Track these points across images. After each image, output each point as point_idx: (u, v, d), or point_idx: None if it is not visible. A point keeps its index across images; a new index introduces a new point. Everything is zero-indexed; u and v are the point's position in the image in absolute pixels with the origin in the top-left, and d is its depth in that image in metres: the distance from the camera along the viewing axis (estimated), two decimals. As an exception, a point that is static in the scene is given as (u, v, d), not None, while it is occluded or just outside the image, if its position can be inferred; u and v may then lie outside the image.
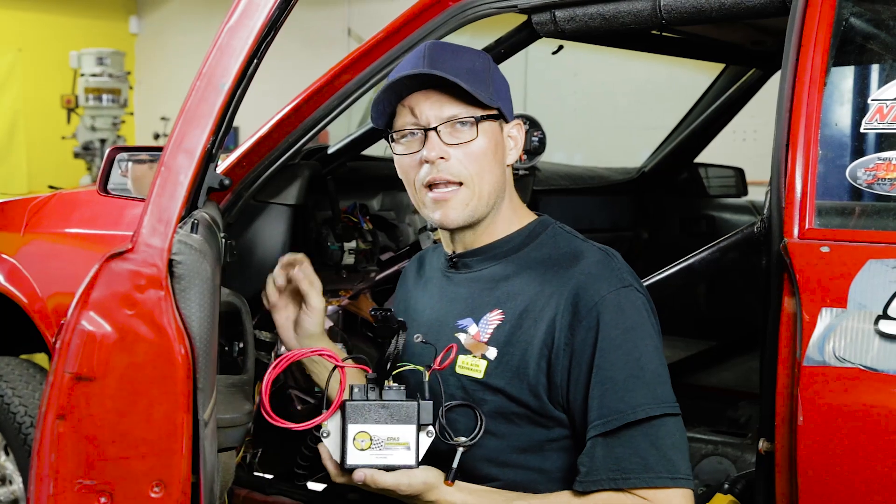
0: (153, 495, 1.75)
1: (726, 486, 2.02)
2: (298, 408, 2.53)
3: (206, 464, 1.77)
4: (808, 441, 1.45)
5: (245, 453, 2.39)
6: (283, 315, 1.90)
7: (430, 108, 1.60)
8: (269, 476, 2.40)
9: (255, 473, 2.40)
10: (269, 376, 1.53)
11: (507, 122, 1.67)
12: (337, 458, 1.53)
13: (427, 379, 1.54)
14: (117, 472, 1.79)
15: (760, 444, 1.57)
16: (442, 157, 1.59)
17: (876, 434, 1.40)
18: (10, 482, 2.70)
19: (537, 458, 1.58)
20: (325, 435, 1.53)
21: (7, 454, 2.70)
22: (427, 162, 1.60)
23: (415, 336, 1.64)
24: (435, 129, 1.59)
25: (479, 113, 1.60)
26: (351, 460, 1.49)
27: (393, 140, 1.66)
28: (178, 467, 1.74)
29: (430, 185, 1.61)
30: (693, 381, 3.23)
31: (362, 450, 1.49)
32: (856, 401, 1.41)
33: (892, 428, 1.39)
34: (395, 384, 1.53)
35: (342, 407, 1.51)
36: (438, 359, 1.54)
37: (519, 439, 1.57)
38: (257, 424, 2.35)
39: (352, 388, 1.52)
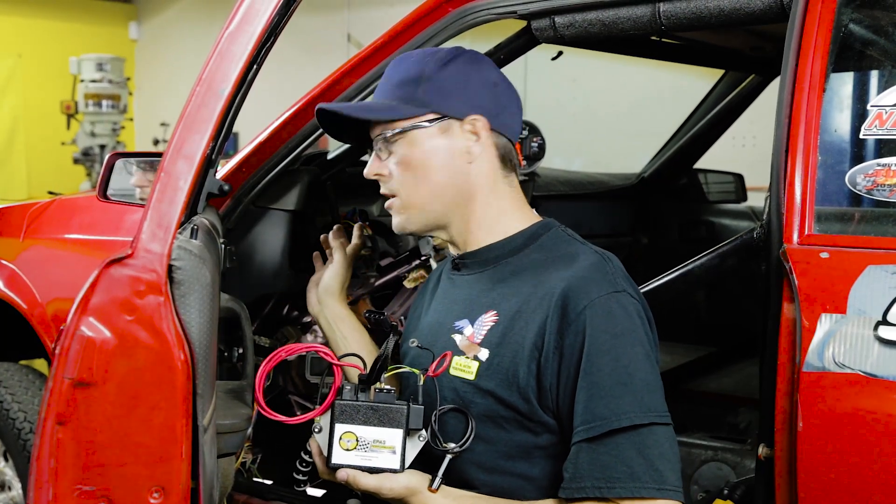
0: (153, 501, 1.75)
1: (726, 491, 2.02)
2: (298, 413, 2.53)
3: (205, 469, 1.76)
4: (807, 447, 1.45)
5: (244, 459, 2.39)
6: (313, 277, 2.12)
7: (371, 128, 1.68)
8: (269, 482, 2.40)
9: (255, 479, 2.40)
10: (262, 370, 1.55)
11: (460, 119, 1.63)
12: (326, 454, 1.54)
13: (421, 383, 1.54)
14: (117, 478, 1.78)
15: (760, 449, 1.57)
16: (379, 174, 1.68)
17: (876, 440, 1.40)
18: (10, 488, 2.70)
19: (525, 465, 1.57)
20: (317, 430, 1.55)
21: (6, 460, 2.70)
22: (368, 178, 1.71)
23: (410, 341, 1.64)
24: (373, 147, 1.68)
25: (405, 124, 1.63)
26: (336, 459, 1.51)
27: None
28: (178, 473, 1.73)
29: None
30: (692, 387, 3.23)
31: (347, 450, 1.50)
32: (855, 406, 1.41)
33: (891, 433, 1.39)
34: (387, 387, 1.53)
35: (331, 406, 1.52)
36: (433, 365, 1.55)
37: (507, 445, 1.56)
38: (257, 430, 2.35)
39: (342, 387, 1.53)
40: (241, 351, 2.13)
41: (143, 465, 1.77)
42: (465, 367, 1.59)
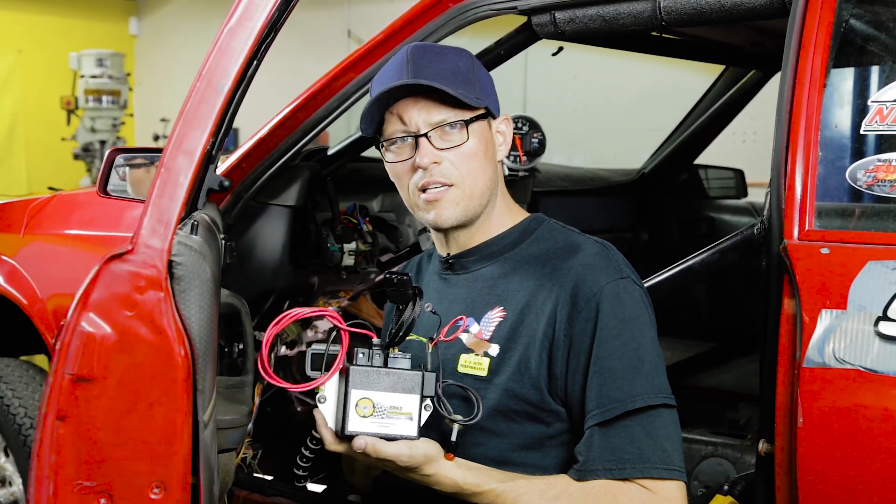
0: (153, 497, 1.75)
1: (726, 487, 2.02)
2: (298, 409, 2.53)
3: (205, 465, 1.76)
4: (807, 442, 1.45)
5: (245, 454, 2.39)
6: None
7: (419, 114, 1.60)
8: (269, 477, 2.40)
9: (255, 474, 2.40)
10: (269, 332, 1.51)
11: (494, 118, 1.68)
12: (332, 424, 1.50)
13: (430, 351, 1.52)
14: (117, 474, 1.79)
15: (760, 445, 1.57)
16: (435, 163, 1.60)
17: (876, 435, 1.40)
18: (10, 483, 2.70)
19: (537, 455, 1.58)
20: (321, 401, 1.50)
21: (7, 455, 2.70)
22: (420, 167, 1.61)
23: (426, 305, 1.60)
24: (426, 135, 1.60)
25: (467, 115, 1.61)
26: (352, 427, 1.45)
27: (383, 147, 1.66)
28: (178, 468, 1.74)
29: (424, 188, 1.62)
30: (693, 383, 3.23)
31: (364, 417, 1.45)
32: (855, 402, 1.41)
33: (891, 429, 1.39)
34: (401, 353, 1.50)
35: (346, 371, 1.48)
36: (445, 329, 1.54)
37: (519, 437, 1.58)
38: (257, 425, 2.35)
39: (357, 352, 1.49)
40: (241, 347, 2.13)
41: (143, 461, 1.77)
42: (475, 365, 1.60)
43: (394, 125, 1.63)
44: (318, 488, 2.34)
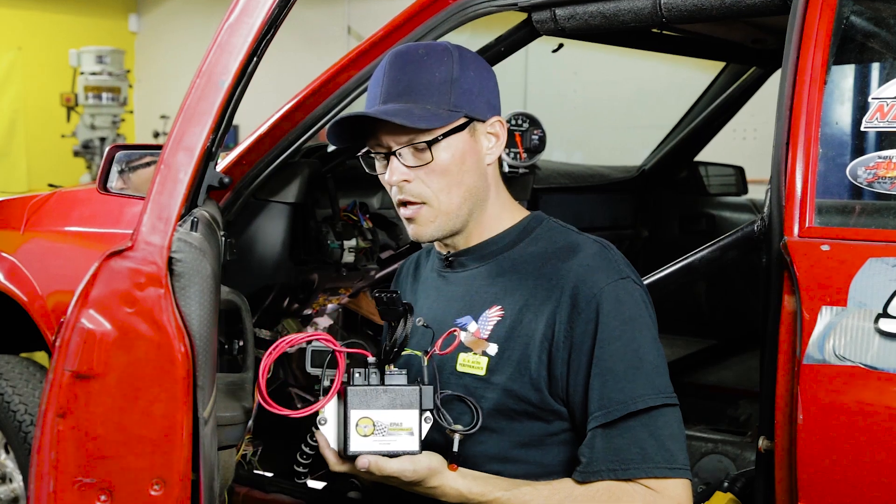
0: (153, 493, 1.75)
1: (726, 484, 2.02)
2: (299, 406, 2.53)
3: (205, 461, 1.77)
4: (807, 439, 1.45)
5: (245, 451, 2.39)
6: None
7: (388, 133, 1.59)
8: (269, 474, 2.40)
9: (255, 471, 2.40)
10: (265, 361, 1.52)
11: (483, 121, 1.63)
12: (335, 445, 1.50)
13: (426, 364, 1.53)
14: (117, 470, 1.79)
15: (760, 442, 1.57)
16: (404, 181, 1.59)
17: (876, 432, 1.40)
18: (11, 480, 2.70)
19: (538, 453, 1.58)
20: (322, 423, 1.51)
21: (7, 452, 2.70)
22: (391, 185, 1.61)
23: (417, 319, 1.62)
24: (395, 153, 1.59)
25: (436, 133, 1.57)
26: (354, 447, 1.46)
27: (373, 157, 1.65)
28: (178, 465, 1.74)
29: (401, 203, 1.63)
30: (693, 380, 3.23)
31: (365, 436, 1.46)
32: (856, 399, 1.41)
33: (891, 426, 1.39)
34: (397, 369, 1.51)
35: (343, 392, 1.48)
36: (440, 342, 1.54)
37: (520, 434, 1.58)
38: (257, 422, 2.35)
39: (353, 372, 1.50)
40: (241, 343, 2.14)
41: (143, 457, 1.77)
42: (474, 364, 1.59)
43: (372, 139, 1.63)
44: (318, 485, 2.34)
